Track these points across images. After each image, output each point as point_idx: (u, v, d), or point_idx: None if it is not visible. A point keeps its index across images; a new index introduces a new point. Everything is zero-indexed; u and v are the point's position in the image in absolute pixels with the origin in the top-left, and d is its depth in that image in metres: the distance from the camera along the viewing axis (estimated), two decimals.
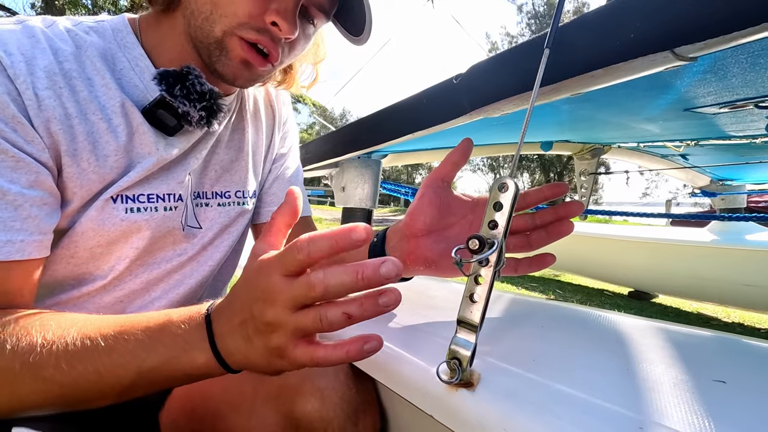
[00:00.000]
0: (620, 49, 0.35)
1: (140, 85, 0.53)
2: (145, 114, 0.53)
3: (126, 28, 0.55)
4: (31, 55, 0.45)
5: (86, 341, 0.38)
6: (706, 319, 2.62)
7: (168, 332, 0.38)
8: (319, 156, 1.00)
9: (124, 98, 0.51)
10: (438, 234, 0.51)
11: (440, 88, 0.56)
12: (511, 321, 0.52)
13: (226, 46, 0.51)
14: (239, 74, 0.53)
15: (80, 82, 0.49)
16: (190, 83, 0.52)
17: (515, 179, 0.36)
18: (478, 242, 0.33)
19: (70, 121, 0.48)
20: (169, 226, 0.58)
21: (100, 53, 0.51)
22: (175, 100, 0.52)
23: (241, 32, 0.50)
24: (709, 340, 0.44)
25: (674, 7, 0.31)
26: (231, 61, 0.52)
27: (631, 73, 0.37)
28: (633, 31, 0.34)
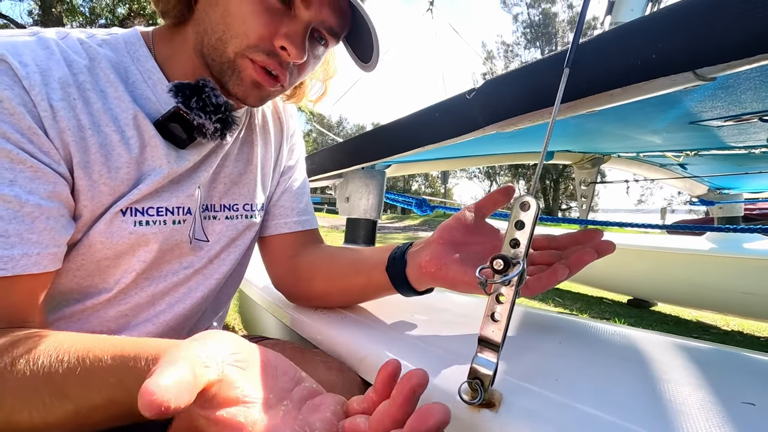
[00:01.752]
0: (641, 69, 0.35)
1: (152, 98, 0.53)
2: (157, 126, 0.53)
3: (139, 41, 0.55)
4: (46, 66, 0.45)
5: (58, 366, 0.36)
6: (706, 328, 2.62)
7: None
8: (325, 167, 1.00)
9: (137, 110, 0.51)
10: (459, 246, 0.52)
11: (453, 103, 0.56)
12: (528, 337, 0.52)
13: (237, 66, 0.52)
14: (250, 94, 0.54)
15: (94, 93, 0.48)
16: (206, 95, 0.53)
17: (536, 198, 0.35)
18: (503, 262, 0.33)
19: (83, 132, 0.47)
20: (177, 239, 0.58)
21: (113, 65, 0.51)
22: (191, 112, 0.52)
23: (252, 54, 0.51)
24: (733, 358, 0.44)
25: (697, 28, 0.31)
26: (242, 81, 0.53)
27: (649, 92, 0.38)
28: (654, 51, 0.34)
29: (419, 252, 0.53)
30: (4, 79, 0.42)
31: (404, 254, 0.55)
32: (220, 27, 0.50)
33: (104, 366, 0.35)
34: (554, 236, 0.52)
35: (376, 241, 1.18)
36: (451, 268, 0.49)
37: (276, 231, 0.74)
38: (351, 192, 1.08)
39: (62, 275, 0.51)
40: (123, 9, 11.63)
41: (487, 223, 0.54)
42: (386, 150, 0.72)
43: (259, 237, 0.76)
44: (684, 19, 0.33)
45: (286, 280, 0.75)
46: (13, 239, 0.41)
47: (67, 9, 11.04)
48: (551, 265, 0.47)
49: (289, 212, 0.75)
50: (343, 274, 0.65)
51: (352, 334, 0.58)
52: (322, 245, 0.76)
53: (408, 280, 0.54)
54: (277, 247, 0.74)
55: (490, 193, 0.53)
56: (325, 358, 0.55)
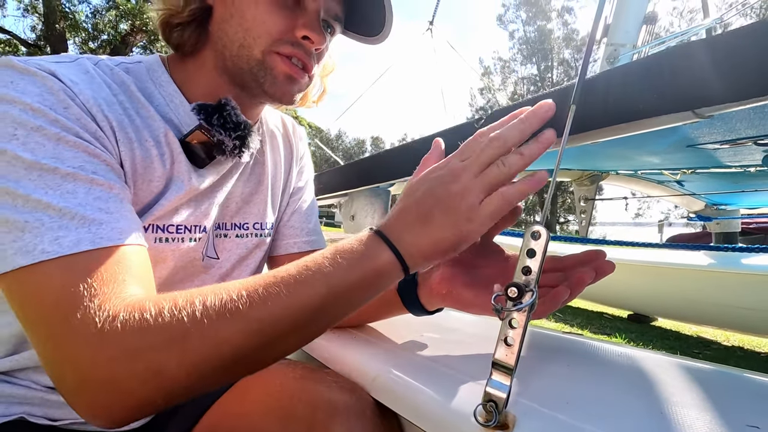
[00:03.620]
0: (644, 107, 0.37)
1: (175, 120, 0.56)
2: (182, 143, 0.55)
3: (160, 68, 0.58)
4: (90, 87, 0.47)
5: (266, 279, 0.38)
6: (707, 343, 2.62)
7: (344, 250, 0.39)
8: (332, 187, 1.02)
9: (167, 128, 0.54)
10: (468, 268, 0.53)
11: (461, 130, 0.59)
12: (536, 358, 0.53)
13: (268, 64, 0.54)
14: (286, 90, 0.57)
15: (133, 111, 0.51)
16: (227, 113, 0.56)
17: (546, 228, 0.37)
18: (517, 290, 0.34)
19: (132, 145, 0.50)
20: (191, 256, 0.59)
21: (140, 90, 0.54)
22: (212, 128, 0.54)
23: (278, 48, 0.54)
24: (737, 380, 0.45)
25: (697, 73, 0.33)
26: (276, 78, 0.55)
27: (650, 127, 0.40)
28: (656, 92, 0.36)
29: (430, 273, 0.55)
30: (62, 92, 0.44)
31: (415, 275, 0.57)
32: (239, 35, 0.54)
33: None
34: (559, 257, 0.54)
35: None
36: (462, 291, 0.50)
37: (286, 251, 0.75)
38: (356, 210, 1.10)
39: None
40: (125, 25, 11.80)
41: (494, 243, 0.56)
42: (394, 173, 0.74)
43: (269, 256, 0.77)
44: (684, 62, 0.35)
45: None
46: (115, 215, 0.42)
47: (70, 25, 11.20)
48: (555, 287, 0.49)
49: (298, 232, 0.76)
50: None
51: (362, 354, 0.59)
52: None
53: (419, 300, 0.56)
54: None
55: None
56: (337, 378, 0.56)
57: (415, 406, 0.46)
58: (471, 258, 0.54)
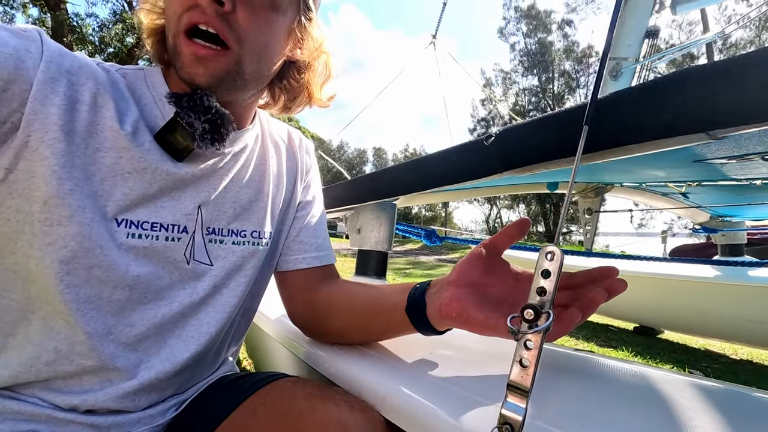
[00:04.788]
0: (656, 129, 0.38)
1: (159, 115, 0.57)
2: (157, 136, 0.55)
3: (158, 74, 0.60)
4: (65, 52, 0.50)
5: None
6: (714, 357, 2.59)
7: None
8: (340, 201, 1.02)
9: (141, 118, 0.55)
10: (477, 288, 0.53)
11: (470, 148, 0.59)
12: (550, 377, 0.52)
13: (176, 48, 0.53)
14: (194, 71, 0.53)
15: (110, 90, 0.53)
16: (198, 97, 0.54)
17: (560, 248, 0.37)
18: (533, 312, 0.34)
19: (76, 102, 0.50)
20: (170, 257, 0.58)
21: (129, 89, 0.56)
22: (182, 111, 0.54)
23: (180, 25, 0.52)
24: (750, 400, 0.45)
25: (710, 96, 0.34)
26: (183, 61, 0.53)
27: (662, 147, 0.40)
28: (669, 113, 0.37)
29: (439, 294, 0.54)
30: (32, 38, 0.47)
31: (423, 295, 0.56)
32: (166, 29, 0.55)
33: None
34: (572, 274, 0.53)
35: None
36: (472, 313, 0.50)
37: (295, 266, 0.75)
38: (362, 224, 1.10)
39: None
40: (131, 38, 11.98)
41: (503, 260, 0.55)
42: (402, 188, 0.75)
43: (278, 272, 0.77)
44: (699, 84, 0.35)
45: (304, 316, 0.76)
46: None
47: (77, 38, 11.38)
48: (567, 306, 0.48)
49: (308, 247, 0.76)
50: (361, 314, 0.66)
51: (372, 372, 0.58)
52: (339, 280, 0.77)
53: (429, 321, 0.55)
54: (295, 282, 0.76)
55: (505, 228, 0.54)
56: (347, 397, 0.56)
57: (428, 427, 0.45)
58: (479, 276, 0.54)
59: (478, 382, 0.52)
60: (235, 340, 0.75)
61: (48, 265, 0.48)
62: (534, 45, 30.02)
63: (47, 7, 10.82)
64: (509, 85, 32.18)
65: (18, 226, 0.47)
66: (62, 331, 0.51)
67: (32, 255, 0.48)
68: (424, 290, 0.57)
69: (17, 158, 0.46)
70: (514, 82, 31.98)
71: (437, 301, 0.54)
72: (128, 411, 0.56)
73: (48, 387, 0.52)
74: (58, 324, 0.51)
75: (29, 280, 0.49)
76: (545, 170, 0.52)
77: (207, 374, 0.69)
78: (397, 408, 0.51)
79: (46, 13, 11.64)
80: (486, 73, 33.49)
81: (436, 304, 0.54)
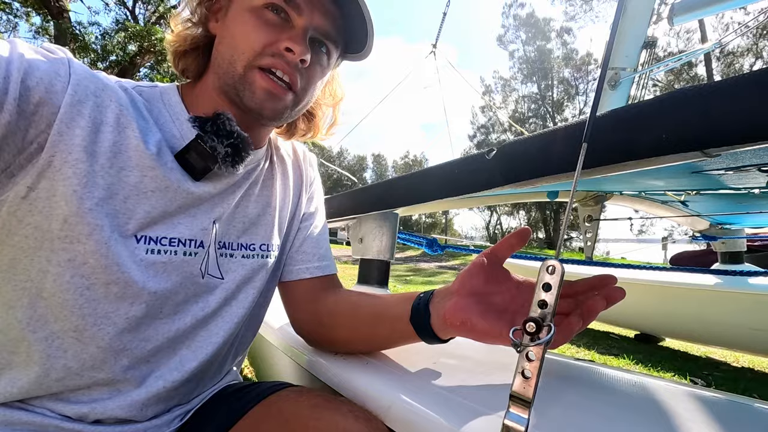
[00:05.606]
0: (652, 146, 0.39)
1: (177, 135, 0.59)
2: (178, 156, 0.57)
3: (173, 92, 0.62)
4: (88, 71, 0.52)
5: None
6: (716, 364, 2.58)
7: None
8: (342, 212, 1.03)
9: (162, 138, 0.56)
10: (480, 297, 0.54)
11: (472, 162, 0.60)
12: (551, 387, 0.53)
13: (248, 79, 0.56)
14: (265, 105, 0.57)
15: (132, 111, 0.54)
16: (221, 122, 0.57)
17: (561, 262, 0.39)
18: (535, 325, 0.35)
19: (101, 123, 0.51)
20: (187, 271, 0.59)
21: (147, 108, 0.57)
22: (206, 135, 0.56)
23: (259, 62, 0.55)
24: (757, 413, 0.46)
25: (706, 115, 0.35)
26: (255, 92, 0.56)
27: (659, 164, 0.41)
28: (665, 132, 0.38)
29: (442, 303, 0.55)
30: (62, 61, 0.49)
31: (427, 305, 0.57)
32: (228, 53, 0.57)
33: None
34: (572, 282, 0.54)
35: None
36: (476, 322, 0.51)
37: (298, 276, 0.76)
38: (364, 233, 1.11)
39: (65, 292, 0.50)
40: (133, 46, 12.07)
41: (504, 269, 0.56)
42: (404, 199, 0.76)
43: (281, 282, 0.78)
44: (693, 104, 0.36)
45: (307, 326, 0.77)
46: None
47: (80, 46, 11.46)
48: (568, 314, 0.49)
49: (310, 258, 0.77)
50: (365, 324, 0.67)
51: (376, 382, 0.59)
52: (341, 290, 0.78)
53: (433, 330, 0.56)
54: (298, 292, 0.77)
55: (506, 237, 0.55)
56: (352, 407, 0.56)
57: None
58: (482, 285, 0.54)
59: (482, 391, 0.53)
60: (240, 349, 0.76)
61: (67, 281, 0.49)
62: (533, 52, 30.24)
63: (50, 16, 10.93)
64: (509, 92, 32.37)
65: (36, 243, 0.49)
66: (70, 349, 0.51)
67: (49, 271, 0.49)
68: (428, 299, 0.58)
69: (40, 177, 0.47)
70: (514, 89, 32.18)
71: (441, 310, 0.55)
72: (135, 420, 0.57)
73: (57, 398, 0.53)
74: (65, 342, 0.51)
75: (39, 297, 0.50)
76: (546, 184, 0.53)
77: (212, 384, 0.70)
78: (401, 418, 0.51)
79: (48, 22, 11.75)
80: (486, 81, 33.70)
81: (440, 313, 0.55)
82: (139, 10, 13.78)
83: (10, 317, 0.50)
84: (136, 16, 13.51)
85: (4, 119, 0.43)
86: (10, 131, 0.44)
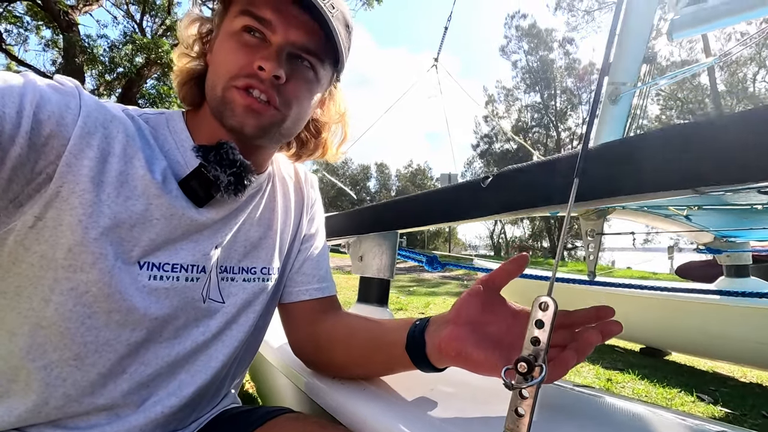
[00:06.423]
0: (644, 183, 0.39)
1: (182, 162, 0.60)
2: (182, 183, 0.58)
3: (179, 118, 0.64)
4: (97, 102, 0.53)
5: None
6: (723, 379, 2.54)
7: None
8: (341, 231, 1.04)
9: (167, 166, 0.58)
10: (476, 326, 0.53)
11: (468, 189, 0.61)
12: (548, 418, 0.53)
13: (227, 99, 0.57)
14: (245, 122, 0.57)
15: (139, 141, 0.56)
16: (224, 151, 0.59)
17: (554, 299, 0.38)
18: (527, 365, 0.35)
19: (108, 155, 0.52)
20: (189, 296, 0.59)
21: (153, 135, 0.59)
22: (209, 165, 0.57)
23: (235, 83, 0.56)
24: None
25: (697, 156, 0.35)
26: (234, 110, 0.56)
27: (651, 199, 0.42)
28: (656, 170, 0.38)
29: (438, 332, 0.55)
30: (72, 93, 0.50)
31: (423, 333, 0.57)
32: (212, 78, 0.59)
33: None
34: (569, 313, 0.54)
35: None
36: (471, 352, 0.50)
37: (298, 298, 0.76)
38: (364, 251, 1.11)
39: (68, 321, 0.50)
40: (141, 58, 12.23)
41: (500, 297, 0.56)
42: (403, 222, 0.76)
43: (281, 304, 0.78)
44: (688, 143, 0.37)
45: (306, 349, 0.77)
46: None
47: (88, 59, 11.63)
48: (564, 347, 0.49)
49: (310, 279, 0.78)
50: (362, 349, 0.67)
51: (374, 410, 0.59)
52: (340, 312, 0.78)
53: (429, 359, 0.56)
54: (298, 313, 0.77)
55: (503, 264, 0.55)
56: None
57: None
58: (478, 314, 0.54)
59: (478, 422, 0.53)
60: (239, 372, 0.76)
61: (69, 309, 0.50)
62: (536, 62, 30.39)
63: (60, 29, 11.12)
64: (512, 102, 32.50)
65: (40, 272, 0.49)
66: (69, 377, 0.52)
67: (52, 300, 0.50)
68: (424, 328, 0.58)
69: (47, 207, 0.48)
70: (517, 99, 32.31)
71: (436, 339, 0.54)
72: None
73: (56, 425, 0.53)
74: (65, 371, 0.51)
75: (39, 326, 0.50)
76: (541, 214, 0.53)
77: (210, 407, 0.70)
78: None
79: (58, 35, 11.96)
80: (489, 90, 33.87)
81: (436, 342, 0.54)
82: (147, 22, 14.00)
83: (11, 345, 0.51)
84: (143, 28, 13.72)
85: (15, 152, 0.44)
86: (20, 163, 0.45)
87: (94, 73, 12.56)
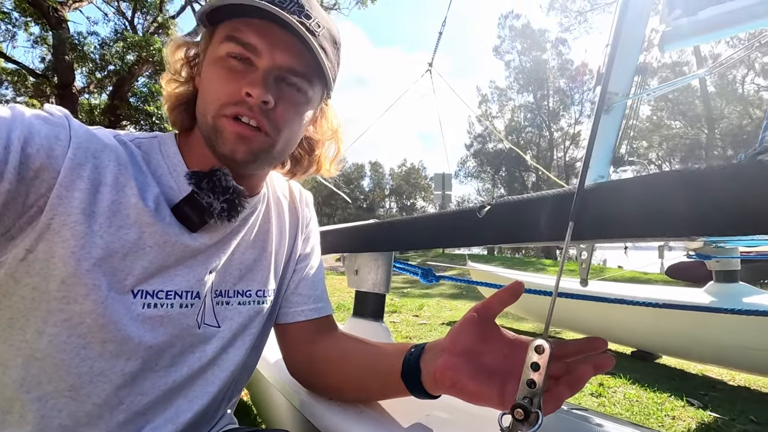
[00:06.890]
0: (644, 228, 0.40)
1: (175, 187, 0.60)
2: (175, 209, 0.58)
3: (171, 142, 0.63)
4: (87, 130, 0.53)
5: None
6: (712, 383, 2.58)
7: None
8: (337, 248, 1.04)
9: (160, 193, 0.57)
10: (471, 356, 0.53)
11: (464, 217, 0.61)
12: None
13: (218, 128, 0.56)
14: (236, 149, 0.57)
15: (131, 168, 0.55)
16: (217, 178, 0.59)
17: (550, 342, 0.39)
18: (523, 412, 0.36)
19: (99, 184, 0.52)
20: (184, 323, 0.59)
21: (145, 161, 0.58)
22: (202, 192, 0.57)
23: (224, 111, 0.56)
24: None
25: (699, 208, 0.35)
26: (225, 138, 0.56)
27: (646, 241, 0.42)
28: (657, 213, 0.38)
29: (433, 361, 0.55)
30: (62, 124, 0.50)
31: (418, 361, 0.57)
32: (202, 105, 0.59)
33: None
34: (563, 343, 0.54)
35: None
36: (466, 383, 0.50)
37: (293, 319, 0.76)
38: (360, 265, 1.12)
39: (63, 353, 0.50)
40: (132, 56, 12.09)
41: (495, 325, 0.56)
42: (398, 245, 0.77)
43: (277, 324, 0.78)
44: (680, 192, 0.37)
45: (301, 369, 0.77)
46: None
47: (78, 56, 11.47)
48: (558, 378, 0.49)
49: (306, 300, 0.78)
50: (357, 373, 0.67)
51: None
52: (336, 333, 0.78)
53: (424, 387, 0.56)
54: (293, 334, 0.77)
55: (498, 292, 0.55)
56: None
57: None
58: (473, 343, 0.54)
59: None
60: (236, 392, 0.76)
61: (63, 341, 0.50)
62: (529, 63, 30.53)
63: (49, 26, 10.96)
64: (505, 102, 32.61)
65: (33, 304, 0.49)
66: (65, 408, 0.51)
67: (45, 332, 0.49)
68: (419, 355, 0.58)
69: (38, 240, 0.48)
70: (510, 99, 32.43)
71: (432, 368, 0.55)
72: None
73: None
74: (60, 402, 0.51)
75: (34, 357, 0.50)
76: (536, 245, 0.54)
77: (206, 430, 0.70)
78: None
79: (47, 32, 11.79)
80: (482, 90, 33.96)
81: (431, 371, 0.55)
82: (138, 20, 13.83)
83: (5, 377, 0.51)
84: (134, 26, 13.55)
85: (4, 187, 0.43)
86: (10, 198, 0.44)
87: (84, 71, 12.39)
